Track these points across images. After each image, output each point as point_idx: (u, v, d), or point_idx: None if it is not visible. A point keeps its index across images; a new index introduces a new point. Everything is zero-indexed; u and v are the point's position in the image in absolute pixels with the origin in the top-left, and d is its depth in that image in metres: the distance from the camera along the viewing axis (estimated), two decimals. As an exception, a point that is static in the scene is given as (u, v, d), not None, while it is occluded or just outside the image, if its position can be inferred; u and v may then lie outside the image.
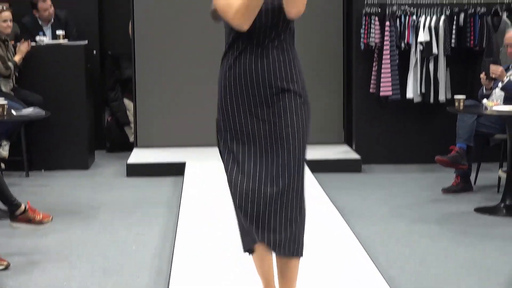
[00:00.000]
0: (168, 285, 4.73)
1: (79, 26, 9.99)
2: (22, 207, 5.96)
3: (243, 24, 3.56)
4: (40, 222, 5.98)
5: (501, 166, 7.80)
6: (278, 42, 3.72)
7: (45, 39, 9.35)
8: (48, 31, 9.72)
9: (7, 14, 8.72)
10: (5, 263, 5.54)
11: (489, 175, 8.11)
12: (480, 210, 7.15)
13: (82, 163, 9.10)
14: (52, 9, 9.74)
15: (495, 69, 7.55)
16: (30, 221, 5.96)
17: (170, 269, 5.10)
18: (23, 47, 8.89)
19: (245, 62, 3.69)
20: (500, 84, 7.56)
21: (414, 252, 5.92)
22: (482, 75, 7.76)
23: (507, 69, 7.63)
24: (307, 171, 3.86)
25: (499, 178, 7.72)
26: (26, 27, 9.80)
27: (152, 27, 9.43)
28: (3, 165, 8.38)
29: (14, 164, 8.62)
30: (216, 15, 3.73)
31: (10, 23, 8.77)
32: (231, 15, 3.55)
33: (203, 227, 6.04)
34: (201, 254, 5.24)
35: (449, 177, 7.96)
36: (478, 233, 6.46)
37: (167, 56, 9.34)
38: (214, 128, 3.80)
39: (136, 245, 6.16)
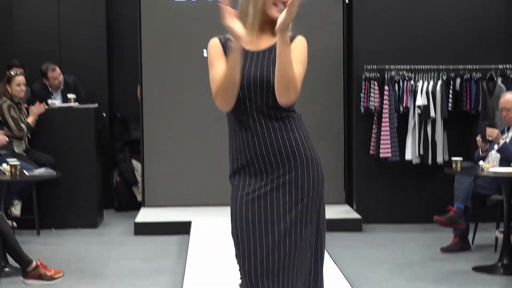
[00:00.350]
0: None
1: (89, 90, 10.06)
2: (34, 263, 5.96)
3: (223, 107, 3.48)
4: (51, 278, 5.98)
5: (498, 227, 7.78)
6: (275, 115, 3.50)
7: (57, 102, 9.40)
8: (58, 97, 9.77)
9: (21, 79, 8.80)
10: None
11: (487, 234, 8.09)
12: (478, 269, 7.11)
13: (91, 221, 9.08)
14: (61, 77, 9.80)
15: (491, 132, 7.59)
16: (41, 277, 5.96)
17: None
18: (36, 109, 8.94)
19: (247, 140, 3.52)
20: (496, 146, 7.59)
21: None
22: (479, 138, 7.80)
23: (502, 132, 7.66)
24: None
25: (496, 238, 7.70)
26: (36, 93, 9.85)
27: (160, 91, 9.48)
28: (15, 224, 8.36)
29: (25, 222, 8.60)
30: None
31: (23, 87, 8.84)
32: (214, 98, 3.46)
33: (208, 286, 6.00)
34: None
35: (447, 236, 7.93)
36: (476, 292, 6.44)
37: (174, 118, 9.38)
38: (218, 188, 3.77)
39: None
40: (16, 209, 8.59)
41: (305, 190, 3.50)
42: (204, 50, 9.26)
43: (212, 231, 7.96)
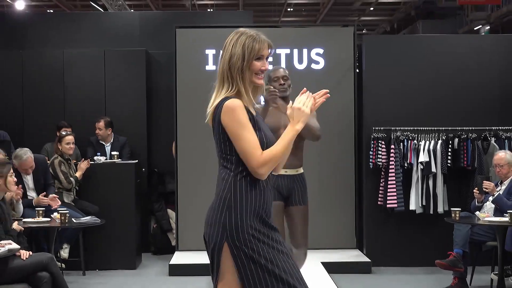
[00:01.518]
0: None
1: (131, 147, 10.17)
2: None
3: (266, 174, 3.48)
4: None
5: (493, 270, 7.74)
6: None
7: (102, 159, 9.51)
8: (108, 149, 9.96)
9: (70, 138, 8.93)
10: None
11: (483, 277, 8.03)
12: (475, 307, 7.08)
13: (131, 263, 9.09)
14: (104, 132, 9.99)
15: (488, 185, 7.61)
16: None
17: None
18: (83, 165, 9.04)
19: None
20: (491, 198, 7.60)
21: None
22: (476, 190, 7.81)
23: (496, 185, 7.67)
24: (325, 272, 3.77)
25: (492, 280, 7.65)
26: (92, 143, 10.06)
27: (192, 149, 9.54)
28: (63, 265, 8.39)
29: (73, 264, 8.62)
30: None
31: (72, 145, 8.96)
32: (261, 165, 3.42)
33: None
34: None
35: (448, 278, 7.88)
36: (474, 328, 6.39)
37: (204, 173, 9.42)
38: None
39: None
40: (65, 252, 8.62)
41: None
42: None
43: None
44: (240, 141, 3.51)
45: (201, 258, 8.91)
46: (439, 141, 9.03)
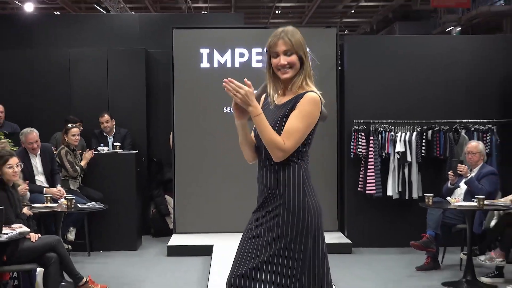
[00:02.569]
0: None
1: (131, 139, 10.17)
2: (84, 279, 5.99)
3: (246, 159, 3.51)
4: None
5: (462, 250, 7.80)
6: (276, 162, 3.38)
7: (105, 149, 9.52)
8: (111, 140, 9.98)
9: (75, 130, 8.93)
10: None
11: (453, 256, 8.08)
12: (446, 284, 7.13)
13: (132, 245, 9.11)
14: (109, 123, 10.02)
15: (462, 168, 7.67)
16: None
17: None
18: (88, 155, 9.05)
19: (259, 179, 3.51)
20: (463, 182, 7.65)
21: None
22: (450, 173, 7.87)
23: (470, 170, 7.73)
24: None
25: (461, 259, 7.70)
26: (96, 135, 10.09)
27: (188, 140, 9.55)
28: (70, 247, 8.40)
29: (78, 246, 8.64)
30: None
31: (77, 137, 8.96)
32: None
33: None
34: None
35: (421, 258, 7.93)
36: (445, 303, 6.44)
37: (199, 162, 9.45)
38: (235, 218, 3.62)
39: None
40: (71, 235, 8.64)
41: (284, 232, 3.31)
42: (224, 107, 9.38)
43: (230, 253, 7.96)
44: None
45: (196, 240, 8.97)
46: (414, 133, 9.06)
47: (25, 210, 6.38)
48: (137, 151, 9.68)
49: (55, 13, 26.38)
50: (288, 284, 3.29)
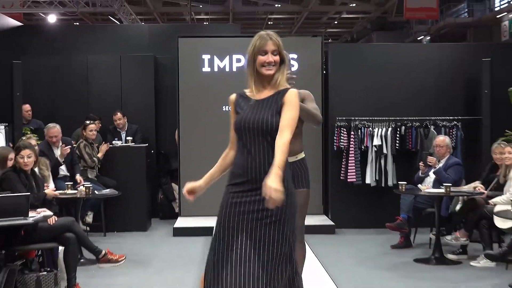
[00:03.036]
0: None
1: (142, 134, 10.16)
2: (103, 252, 5.97)
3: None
4: (117, 261, 6.00)
5: (431, 231, 7.80)
6: (270, 144, 3.32)
7: (118, 143, 9.51)
8: (123, 135, 9.95)
9: (93, 126, 8.93)
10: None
11: (423, 236, 8.08)
12: (417, 260, 7.14)
13: (142, 227, 9.10)
14: (122, 121, 10.02)
15: (431, 159, 7.70)
16: (110, 261, 5.97)
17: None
18: (104, 148, 9.04)
19: (247, 159, 3.48)
20: (432, 171, 7.67)
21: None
22: (421, 164, 7.89)
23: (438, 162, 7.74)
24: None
25: (430, 239, 7.71)
26: (111, 130, 10.08)
27: (192, 134, 9.55)
28: (88, 228, 8.39)
29: (95, 227, 8.61)
30: None
31: (95, 132, 8.95)
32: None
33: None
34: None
35: (395, 237, 7.94)
36: (416, 276, 6.45)
37: (202, 153, 9.41)
38: None
39: (179, 284, 6.15)
40: (89, 218, 8.62)
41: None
42: (223, 106, 9.38)
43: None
44: None
45: (199, 222, 8.97)
46: (389, 129, 9.06)
47: (49, 191, 6.33)
48: (147, 144, 9.67)
49: (74, 23, 26.32)
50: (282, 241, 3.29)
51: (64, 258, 5.68)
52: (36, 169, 7.21)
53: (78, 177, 8.17)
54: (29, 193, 5.64)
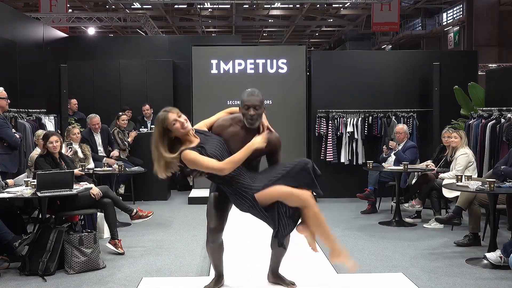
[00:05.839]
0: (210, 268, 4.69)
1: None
2: (134, 210, 5.91)
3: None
4: (147, 216, 5.93)
5: (392, 199, 7.79)
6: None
7: (145, 130, 9.45)
8: (149, 124, 9.83)
9: (124, 117, 8.85)
10: (122, 250, 5.52)
11: (386, 204, 8.09)
12: (381, 223, 7.12)
13: (164, 196, 9.06)
14: (150, 111, 9.95)
15: (392, 143, 7.66)
16: (141, 217, 5.91)
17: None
18: (133, 134, 8.98)
19: None
20: (393, 153, 7.63)
21: (347, 245, 5.85)
22: (384, 147, 7.86)
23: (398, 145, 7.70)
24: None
25: (392, 206, 7.71)
26: (139, 120, 9.98)
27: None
28: (120, 198, 8.35)
29: (126, 197, 8.58)
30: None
31: (125, 121, 8.87)
32: (224, 170, 3.51)
33: (235, 233, 6.00)
34: (232, 251, 5.18)
35: (364, 205, 7.93)
36: (380, 236, 6.42)
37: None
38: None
39: (192, 242, 6.13)
40: (121, 189, 8.59)
41: None
42: (227, 101, 9.30)
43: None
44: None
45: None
46: (359, 119, 9.02)
47: (77, 171, 6.25)
48: (167, 131, 9.60)
49: (109, 35, 26.12)
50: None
51: (105, 219, 5.64)
52: (79, 149, 7.20)
53: (114, 151, 8.18)
54: (73, 170, 5.59)
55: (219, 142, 3.57)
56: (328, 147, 9.02)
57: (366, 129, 9.04)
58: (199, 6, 23.77)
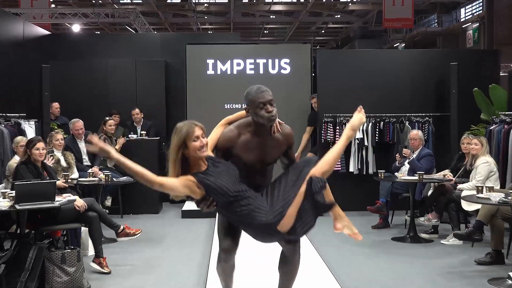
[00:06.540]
0: (206, 280, 4.67)
1: (155, 128, 10.08)
2: (122, 227, 5.91)
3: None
4: (134, 234, 5.94)
5: (406, 213, 7.77)
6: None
7: (134, 136, 9.44)
8: (139, 130, 9.84)
9: (111, 122, 8.84)
10: (108, 269, 5.49)
11: (399, 218, 8.06)
12: (394, 239, 7.11)
13: (155, 209, 9.04)
14: (139, 115, 9.92)
15: (406, 151, 7.66)
16: (128, 234, 5.91)
17: (207, 274, 5.05)
18: (121, 141, 8.97)
19: None
20: (407, 161, 7.62)
21: (357, 263, 5.87)
22: (397, 155, 7.85)
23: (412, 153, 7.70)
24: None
25: (406, 220, 7.68)
26: (128, 125, 9.98)
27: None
28: (107, 211, 8.29)
29: (113, 210, 8.53)
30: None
31: (113, 127, 8.85)
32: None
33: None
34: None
35: (375, 219, 7.91)
36: (393, 253, 6.42)
37: (207, 146, 9.38)
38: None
39: (186, 260, 6.11)
40: (108, 202, 8.57)
41: None
42: (225, 104, 9.31)
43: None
44: None
45: (204, 205, 8.90)
46: (370, 124, 9.01)
47: (59, 182, 6.23)
48: (158, 138, 9.59)
49: (96, 32, 26.20)
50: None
51: (90, 235, 5.64)
52: (61, 158, 7.19)
53: (94, 168, 8.04)
54: (55, 180, 5.58)
55: (229, 169, 3.40)
56: (335, 155, 8.98)
57: (377, 135, 9.03)
58: (194, 0, 23.83)
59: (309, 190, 3.35)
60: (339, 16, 28.31)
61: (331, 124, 9.09)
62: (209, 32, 31.00)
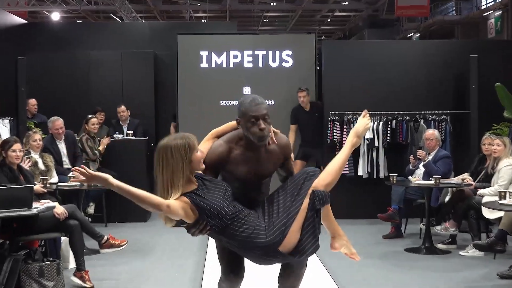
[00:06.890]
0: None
1: (142, 127, 10.09)
2: (105, 237, 5.92)
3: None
4: (119, 246, 5.94)
5: (421, 221, 7.78)
6: None
7: (120, 136, 9.45)
8: (125, 129, 9.86)
9: (94, 120, 8.87)
10: (90, 284, 5.50)
11: (414, 226, 8.06)
12: (408, 250, 7.12)
13: (143, 217, 9.03)
14: (125, 113, 9.95)
15: (421, 153, 7.69)
16: (112, 246, 5.92)
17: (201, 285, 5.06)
18: (105, 141, 8.98)
19: None
20: (422, 164, 7.64)
21: (366, 275, 5.88)
22: (411, 157, 7.88)
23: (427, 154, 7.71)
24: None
25: (420, 229, 7.69)
26: (113, 124, 10.00)
27: (189, 127, 9.48)
28: (90, 219, 8.32)
29: (97, 218, 8.55)
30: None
31: (96, 126, 8.88)
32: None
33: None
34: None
35: (387, 227, 7.92)
36: (406, 265, 6.42)
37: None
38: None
39: (177, 273, 6.12)
40: (91, 209, 8.57)
41: None
42: (221, 101, 9.33)
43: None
44: None
45: (197, 213, 8.90)
46: (381, 122, 9.03)
47: (37, 187, 6.24)
48: (146, 138, 9.60)
49: (77, 21, 26.21)
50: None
51: (71, 245, 5.64)
52: (39, 160, 7.19)
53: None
54: (32, 185, 5.58)
55: (220, 187, 3.30)
56: (342, 157, 8.99)
57: (388, 135, 9.05)
58: (186, -14, 23.87)
59: (312, 204, 3.30)
60: (346, 3, 28.33)
61: (337, 123, 9.10)
62: (202, 20, 31.02)
